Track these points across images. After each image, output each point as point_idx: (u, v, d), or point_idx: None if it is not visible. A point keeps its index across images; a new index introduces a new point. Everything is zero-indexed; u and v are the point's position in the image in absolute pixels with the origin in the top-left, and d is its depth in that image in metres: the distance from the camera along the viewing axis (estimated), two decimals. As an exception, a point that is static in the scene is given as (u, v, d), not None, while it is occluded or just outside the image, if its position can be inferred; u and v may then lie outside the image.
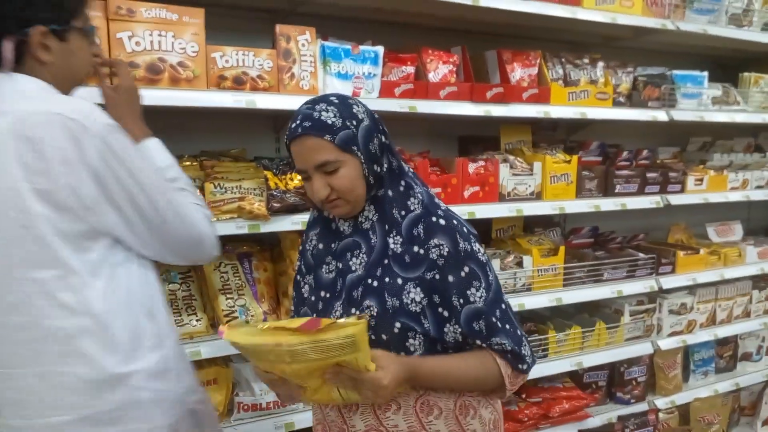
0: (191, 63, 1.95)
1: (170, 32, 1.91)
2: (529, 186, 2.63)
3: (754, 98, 3.33)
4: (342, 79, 2.22)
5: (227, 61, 2.02)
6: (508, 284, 2.62)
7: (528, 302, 2.61)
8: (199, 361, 2.08)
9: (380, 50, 2.29)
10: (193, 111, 2.16)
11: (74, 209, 1.25)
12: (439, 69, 2.45)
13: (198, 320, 2.13)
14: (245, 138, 2.45)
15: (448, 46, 2.56)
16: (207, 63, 1.99)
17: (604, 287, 2.83)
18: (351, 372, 1.20)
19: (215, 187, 2.06)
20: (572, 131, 3.25)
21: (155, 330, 1.38)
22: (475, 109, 2.45)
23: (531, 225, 3.06)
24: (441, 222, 1.35)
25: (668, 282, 3.03)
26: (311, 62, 2.17)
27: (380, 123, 1.40)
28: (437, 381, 1.35)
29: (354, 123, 1.32)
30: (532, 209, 2.61)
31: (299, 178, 2.19)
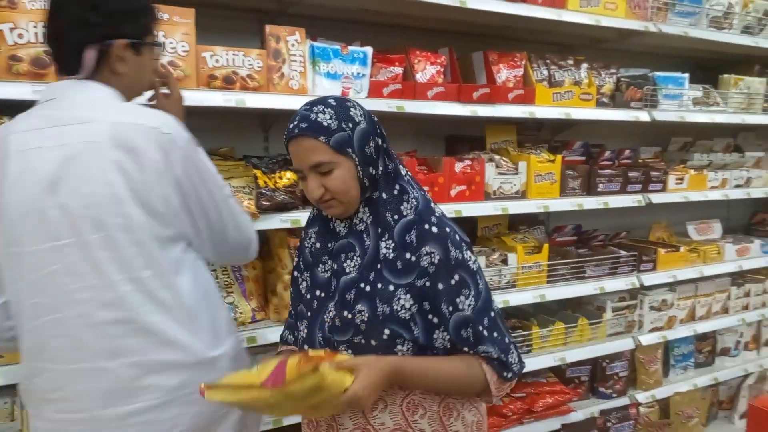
0: (182, 62, 1.97)
1: (161, 32, 1.92)
2: (514, 185, 2.67)
3: (734, 99, 3.40)
4: (331, 79, 2.25)
5: (217, 61, 2.04)
6: (494, 281, 2.67)
7: (512, 299, 2.66)
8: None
9: (369, 51, 2.32)
10: (183, 110, 2.18)
11: (165, 216, 1.37)
12: (427, 70, 2.49)
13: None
14: (234, 137, 2.47)
15: (436, 47, 2.60)
16: (197, 62, 2.00)
17: (587, 284, 2.89)
18: (327, 401, 1.24)
19: (205, 186, 2.08)
20: (556, 131, 3.30)
21: (228, 318, 1.55)
22: (462, 110, 2.49)
23: (516, 223, 3.11)
24: (433, 230, 1.36)
25: (649, 279, 3.09)
26: (301, 62, 2.19)
27: (378, 126, 1.42)
28: (422, 380, 1.37)
29: (350, 125, 1.34)
30: (517, 208, 2.65)
31: (288, 177, 2.22)
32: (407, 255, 1.35)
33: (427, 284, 1.34)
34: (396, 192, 1.41)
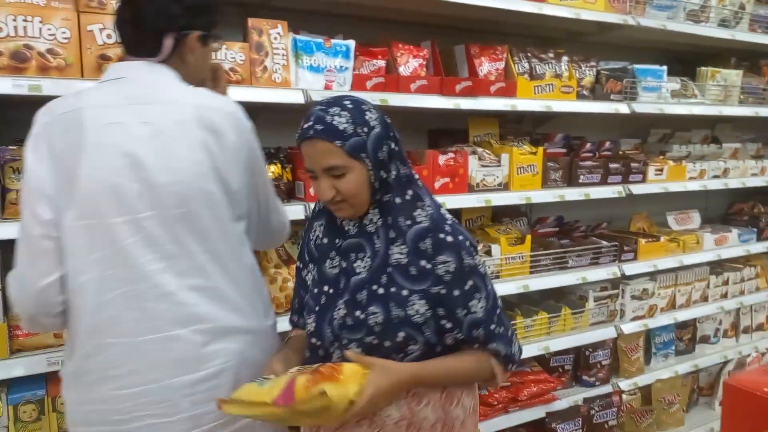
0: (164, 56, 1.96)
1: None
2: (497, 177, 2.70)
3: (711, 91, 3.46)
4: (314, 72, 2.25)
5: (200, 55, 2.04)
6: (478, 272, 2.69)
7: (497, 289, 2.65)
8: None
9: (351, 44, 2.33)
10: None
11: (236, 194, 1.49)
12: (410, 63, 2.50)
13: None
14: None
15: (418, 41, 2.61)
16: (180, 56, 2.00)
17: (569, 274, 2.93)
18: (335, 416, 1.29)
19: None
20: (538, 124, 3.33)
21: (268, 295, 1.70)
22: (445, 102, 2.51)
23: (499, 215, 3.14)
24: (448, 239, 1.39)
25: (630, 268, 3.14)
26: (283, 55, 2.20)
27: (391, 129, 1.43)
28: (437, 383, 1.45)
29: (365, 130, 1.35)
30: (500, 199, 2.68)
31: (272, 170, 2.22)
32: (422, 262, 1.39)
33: (443, 291, 1.39)
34: (408, 197, 1.43)
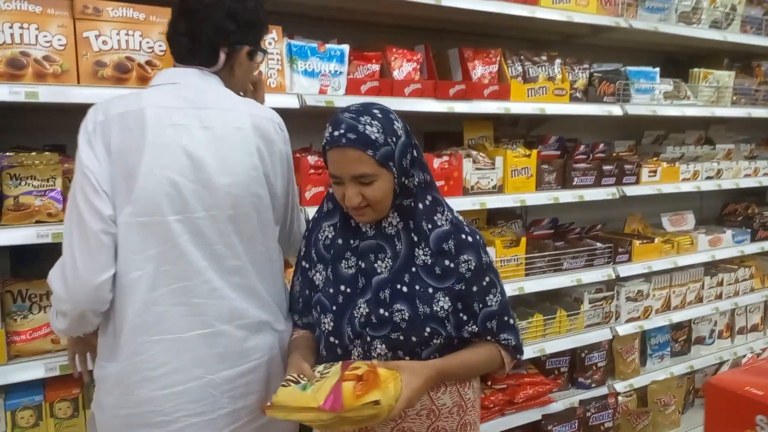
0: (159, 62, 1.97)
1: (137, 31, 1.92)
2: (492, 180, 2.71)
3: (704, 93, 3.48)
4: (309, 77, 2.26)
5: (195, 60, 2.05)
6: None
7: (492, 292, 2.69)
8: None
9: (346, 48, 2.34)
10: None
11: (278, 200, 1.60)
12: (404, 67, 2.51)
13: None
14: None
15: (412, 45, 2.63)
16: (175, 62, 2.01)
17: (564, 276, 2.94)
18: (380, 420, 1.34)
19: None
20: (532, 126, 3.35)
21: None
22: (439, 106, 2.52)
23: (494, 217, 3.15)
24: (469, 239, 1.50)
25: (625, 270, 3.15)
26: (278, 60, 2.21)
27: (412, 137, 1.49)
28: (457, 376, 1.54)
29: (394, 140, 1.41)
30: (495, 202, 2.69)
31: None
32: (446, 262, 1.48)
33: (463, 287, 1.49)
34: (428, 202, 1.50)
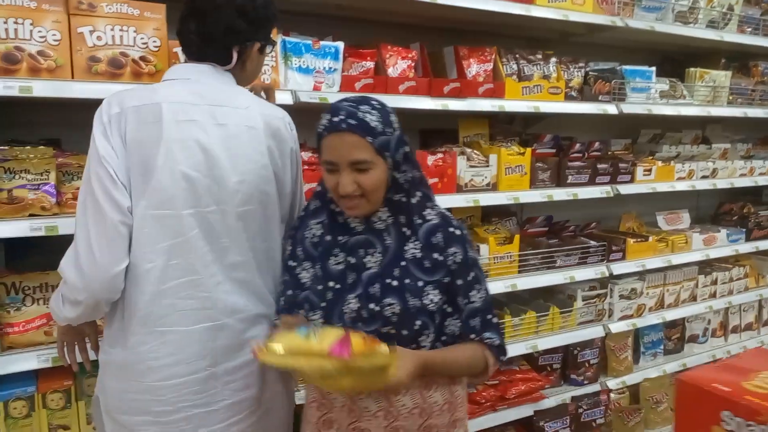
0: (154, 57, 1.99)
1: (132, 27, 1.94)
2: (485, 177, 2.73)
3: (700, 92, 3.48)
4: (303, 74, 2.28)
5: (189, 56, 2.06)
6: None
7: (485, 289, 2.71)
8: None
9: (340, 46, 2.36)
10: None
11: (285, 197, 1.63)
12: (398, 64, 2.53)
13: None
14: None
15: (407, 42, 2.63)
16: (169, 57, 2.02)
17: (557, 273, 2.96)
18: (381, 380, 1.32)
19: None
20: (529, 124, 3.36)
21: None
22: (433, 103, 2.53)
23: (489, 215, 3.16)
24: (457, 232, 1.52)
25: (618, 268, 3.17)
26: (273, 57, 2.22)
27: (404, 135, 1.51)
28: (442, 371, 1.54)
29: (390, 130, 1.44)
30: (488, 200, 2.71)
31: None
32: (435, 255, 1.50)
33: (448, 280, 1.50)
34: (419, 198, 1.52)
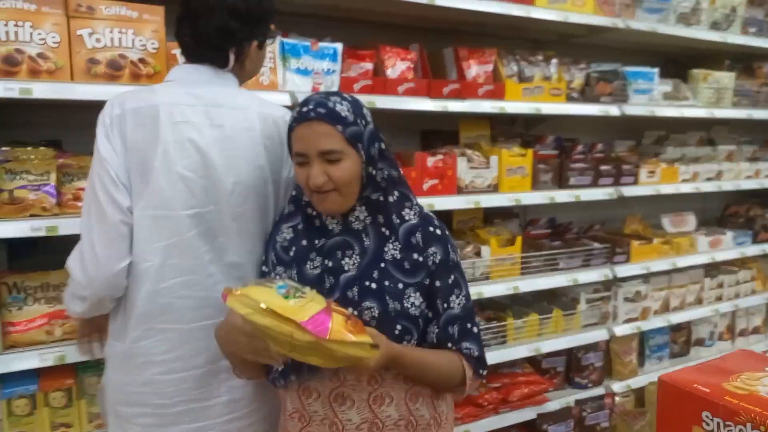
0: (152, 59, 2.00)
1: (130, 29, 1.95)
2: (486, 179, 2.72)
3: (703, 94, 3.46)
4: (302, 75, 2.28)
5: (187, 58, 2.07)
6: (467, 273, 2.69)
7: (486, 290, 2.70)
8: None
9: (339, 47, 2.36)
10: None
11: (279, 197, 1.62)
12: (397, 66, 2.53)
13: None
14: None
15: (406, 44, 2.64)
16: (168, 59, 2.03)
17: (560, 276, 2.94)
18: (350, 364, 1.27)
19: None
20: (531, 126, 3.35)
21: None
22: (433, 105, 2.53)
23: (491, 216, 3.15)
24: (437, 232, 1.48)
25: (622, 270, 3.15)
26: (271, 58, 2.23)
27: (379, 132, 1.47)
28: (416, 370, 1.43)
29: (363, 122, 1.40)
30: (489, 201, 2.70)
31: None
32: (414, 255, 1.44)
33: (428, 281, 1.45)
34: (397, 197, 1.47)
